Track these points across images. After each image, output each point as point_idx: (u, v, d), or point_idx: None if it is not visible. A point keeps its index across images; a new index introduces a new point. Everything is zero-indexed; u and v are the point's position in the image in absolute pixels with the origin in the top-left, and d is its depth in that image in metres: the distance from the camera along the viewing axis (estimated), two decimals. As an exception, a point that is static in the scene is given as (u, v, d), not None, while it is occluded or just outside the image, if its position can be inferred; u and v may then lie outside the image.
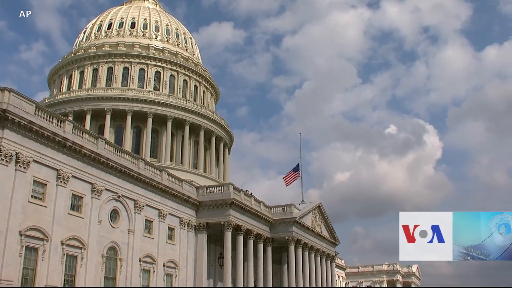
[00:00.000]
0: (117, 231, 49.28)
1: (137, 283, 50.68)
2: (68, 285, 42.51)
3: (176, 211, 59.25)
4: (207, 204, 63.11)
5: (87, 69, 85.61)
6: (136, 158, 54.09)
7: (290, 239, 74.04)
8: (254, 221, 68.50)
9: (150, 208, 54.52)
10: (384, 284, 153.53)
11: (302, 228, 77.98)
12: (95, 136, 48.11)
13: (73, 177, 43.80)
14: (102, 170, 47.57)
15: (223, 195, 63.03)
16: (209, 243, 64.56)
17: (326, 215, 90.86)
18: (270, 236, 73.45)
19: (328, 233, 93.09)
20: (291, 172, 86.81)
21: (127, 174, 50.73)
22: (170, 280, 56.97)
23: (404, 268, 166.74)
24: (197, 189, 64.43)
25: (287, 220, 73.95)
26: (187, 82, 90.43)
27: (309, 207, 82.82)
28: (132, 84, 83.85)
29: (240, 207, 64.17)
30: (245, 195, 67.53)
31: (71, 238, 42.93)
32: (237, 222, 63.48)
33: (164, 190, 56.95)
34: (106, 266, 47.23)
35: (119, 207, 49.88)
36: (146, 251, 52.92)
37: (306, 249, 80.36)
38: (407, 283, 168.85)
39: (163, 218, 56.36)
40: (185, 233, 60.57)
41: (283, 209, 75.01)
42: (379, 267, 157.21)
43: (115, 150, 50.52)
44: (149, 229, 54.35)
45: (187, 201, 61.25)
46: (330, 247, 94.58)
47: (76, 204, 44.39)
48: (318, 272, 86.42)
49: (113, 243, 48.34)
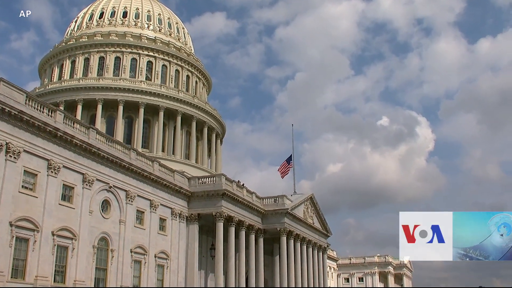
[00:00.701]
0: (109, 221, 49.29)
1: (128, 274, 50.75)
2: (59, 276, 42.59)
3: (168, 202, 59.30)
4: (199, 195, 63.16)
5: (78, 59, 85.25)
6: (128, 149, 54.05)
7: (282, 230, 74.24)
8: (246, 212, 68.66)
9: (141, 198, 54.53)
10: (376, 276, 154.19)
11: (294, 219, 78.21)
12: (86, 126, 48.04)
13: (64, 167, 43.74)
14: (94, 161, 47.52)
15: (215, 186, 63.09)
16: (201, 234, 64.66)
17: (318, 207, 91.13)
18: (262, 227, 73.64)
19: (320, 225, 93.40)
20: (284, 163, 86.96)
21: (118, 164, 50.70)
22: (162, 271, 57.07)
23: (396, 260, 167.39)
24: (189, 180, 64.46)
25: (279, 211, 74.13)
26: (179, 72, 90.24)
27: (301, 199, 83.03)
28: (124, 74, 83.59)
29: (232, 198, 64.26)
30: (237, 186, 67.63)
31: (62, 228, 42.90)
32: (229, 213, 63.61)
33: (156, 180, 56.96)
34: (97, 257, 47.27)
35: (110, 198, 49.88)
36: (138, 242, 52.97)
37: (298, 241, 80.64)
38: (399, 275, 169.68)
39: (154, 209, 56.40)
40: (177, 224, 60.64)
41: (275, 200, 75.17)
42: (371, 258, 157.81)
43: (106, 140, 50.47)
44: (140, 220, 54.39)
45: (179, 192, 61.29)
46: (322, 238, 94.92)
47: (67, 194, 44.35)
48: (310, 263, 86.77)
49: (105, 234, 48.36)
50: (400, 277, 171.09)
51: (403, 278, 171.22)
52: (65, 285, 42.72)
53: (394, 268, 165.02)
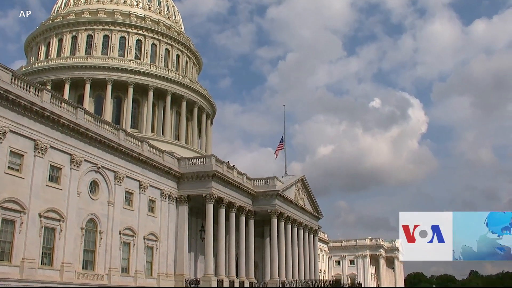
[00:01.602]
0: (97, 203, 49.22)
1: (117, 256, 50.83)
2: (47, 258, 42.56)
3: (157, 183, 59.28)
4: (188, 176, 63.17)
5: (65, 37, 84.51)
6: (117, 129, 53.83)
7: (273, 212, 74.48)
8: (237, 193, 68.77)
9: (130, 179, 54.45)
10: (367, 259, 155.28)
11: (285, 201, 78.45)
12: (74, 106, 47.72)
13: (51, 148, 43.49)
14: (81, 141, 47.26)
15: (205, 167, 63.09)
16: (191, 215, 64.81)
17: (309, 189, 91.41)
18: (253, 209, 73.84)
19: (311, 207, 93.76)
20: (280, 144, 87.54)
21: (107, 145, 50.51)
22: (151, 253, 57.20)
23: (387, 243, 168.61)
24: (178, 161, 64.41)
25: (270, 193, 74.31)
26: (169, 51, 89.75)
27: (292, 180, 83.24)
28: (113, 52, 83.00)
29: (222, 179, 64.31)
30: (228, 167, 67.66)
31: (49, 210, 42.78)
32: (219, 195, 63.69)
33: (145, 161, 56.86)
34: (86, 239, 47.23)
35: (98, 179, 49.75)
36: (126, 223, 52.98)
37: (289, 223, 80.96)
38: (390, 258, 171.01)
39: (143, 190, 56.37)
40: (166, 205, 60.69)
41: (266, 182, 75.32)
42: (362, 241, 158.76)
43: (94, 120, 50.19)
44: (129, 201, 54.38)
45: (168, 173, 61.26)
46: (313, 220, 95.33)
47: (54, 175, 44.17)
48: (300, 245, 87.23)
49: (93, 216, 48.30)
50: (391, 260, 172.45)
51: (395, 261, 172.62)
52: (53, 268, 42.73)
53: (386, 251, 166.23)
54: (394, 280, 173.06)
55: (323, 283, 73.75)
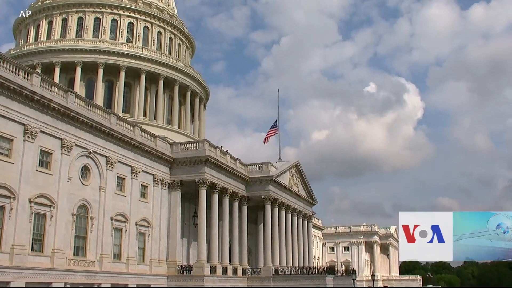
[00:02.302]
0: (88, 188, 49.11)
1: (109, 242, 50.85)
2: (37, 245, 42.48)
3: (150, 168, 59.17)
4: (181, 161, 63.07)
5: (55, 19, 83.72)
6: (108, 113, 53.60)
7: (267, 198, 74.55)
8: (230, 179, 68.76)
9: (122, 165, 54.33)
10: (362, 245, 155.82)
11: (279, 187, 78.51)
12: (64, 90, 47.43)
13: (41, 133, 43.27)
14: (72, 125, 47.02)
15: (198, 152, 62.99)
16: (183, 201, 64.78)
17: (303, 174, 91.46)
18: (246, 194, 73.88)
19: (306, 193, 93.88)
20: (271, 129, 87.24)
21: (98, 129, 50.28)
22: (143, 239, 57.23)
23: (382, 230, 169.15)
24: (171, 146, 64.28)
25: (264, 179, 74.34)
26: (162, 34, 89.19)
27: (286, 166, 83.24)
28: (104, 35, 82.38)
29: (215, 164, 64.25)
30: (221, 152, 67.58)
31: (40, 195, 42.66)
32: (212, 180, 63.64)
33: (137, 146, 56.70)
34: (77, 225, 47.17)
35: (90, 164, 49.59)
36: (118, 209, 52.94)
37: (283, 209, 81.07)
38: (385, 245, 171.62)
39: (135, 175, 56.27)
40: (159, 190, 60.63)
41: (259, 167, 75.32)
42: (356, 228, 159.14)
43: (86, 104, 49.92)
44: (121, 187, 54.29)
45: (161, 158, 61.14)
46: (307, 207, 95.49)
47: (44, 160, 44.00)
48: (294, 232, 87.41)
49: (84, 201, 48.21)
50: (386, 247, 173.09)
51: (389, 248, 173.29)
52: (43, 254, 42.69)
53: (380, 237, 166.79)
54: (389, 267, 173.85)
55: (317, 270, 73.87)
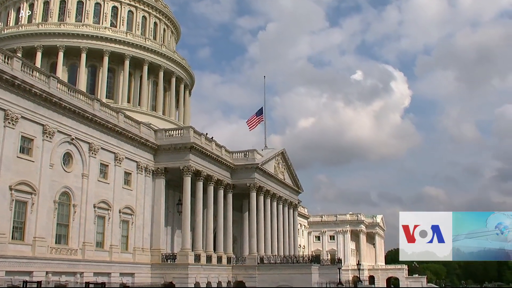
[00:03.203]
0: (71, 175, 48.94)
1: (92, 230, 50.75)
2: (18, 233, 42.32)
3: (133, 155, 59.05)
4: (165, 148, 62.99)
5: (37, 2, 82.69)
6: (91, 99, 53.33)
7: (252, 185, 74.73)
8: (215, 166, 68.82)
9: (105, 151, 54.17)
10: (348, 234, 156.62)
11: (265, 175, 78.69)
12: (46, 75, 47.12)
13: (22, 118, 42.98)
14: (55, 111, 46.73)
15: (183, 138, 62.93)
16: (168, 188, 64.75)
17: (289, 162, 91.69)
18: (231, 182, 74.01)
19: (291, 181, 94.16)
20: (253, 116, 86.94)
21: (81, 115, 50.02)
22: (126, 226, 57.21)
23: (368, 218, 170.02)
24: (155, 132, 64.15)
25: (249, 166, 74.51)
26: (147, 19, 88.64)
27: (272, 153, 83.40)
28: (87, 19, 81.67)
29: (200, 151, 64.25)
30: (206, 139, 67.56)
31: (21, 183, 42.47)
32: (197, 167, 63.67)
33: (121, 132, 56.52)
34: (59, 212, 47.04)
35: (72, 150, 49.38)
36: (101, 196, 52.83)
37: (268, 197, 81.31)
38: (371, 234, 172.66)
39: (119, 162, 56.15)
40: (143, 178, 60.57)
41: (245, 155, 75.44)
42: (342, 216, 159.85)
43: (68, 90, 49.63)
44: (104, 174, 54.16)
45: (145, 145, 61.01)
46: (293, 195, 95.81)
47: (26, 147, 43.77)
48: (280, 220, 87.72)
49: (66, 188, 48.05)
50: (372, 236, 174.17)
51: (376, 237, 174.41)
52: (24, 242, 42.55)
53: (367, 226, 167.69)
54: (375, 256, 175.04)
55: (302, 259, 74.26)
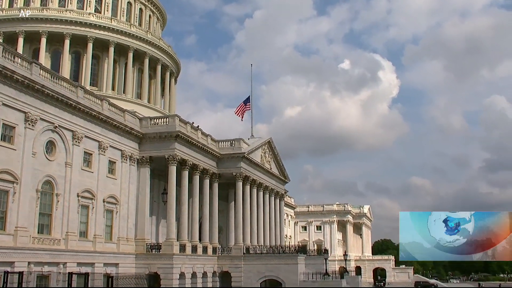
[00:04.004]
0: (54, 164, 48.61)
1: (75, 219, 50.50)
2: (-1, 221, 42.11)
3: (118, 144, 58.78)
4: (151, 136, 62.74)
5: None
6: (75, 86, 52.89)
7: (238, 175, 74.71)
8: (201, 155, 68.69)
9: (89, 140, 53.84)
10: (335, 225, 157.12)
11: (251, 164, 78.68)
12: (29, 61, 46.60)
13: (3, 105, 42.53)
14: (37, 98, 46.28)
15: (168, 127, 62.72)
16: (153, 178, 64.60)
17: (276, 151, 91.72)
18: (217, 171, 73.94)
19: (278, 170, 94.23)
20: (241, 104, 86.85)
21: (64, 103, 49.61)
22: (111, 216, 57.01)
23: (355, 209, 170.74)
24: (140, 120, 63.86)
25: (235, 155, 74.47)
26: (132, 4, 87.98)
27: (258, 143, 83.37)
28: (71, 4, 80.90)
29: (186, 140, 64.08)
30: (192, 128, 67.37)
31: (2, 171, 42.10)
32: (182, 156, 63.52)
33: (105, 120, 56.19)
34: (41, 202, 46.75)
35: (55, 139, 49.01)
36: (85, 185, 52.57)
37: (255, 186, 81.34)
38: (358, 224, 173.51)
39: (103, 151, 55.85)
40: (127, 167, 60.33)
41: (231, 144, 75.37)
42: (329, 207, 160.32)
43: (51, 76, 49.18)
44: (88, 163, 53.87)
45: (130, 133, 60.73)
46: (279, 184, 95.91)
47: (7, 134, 43.35)
48: (266, 210, 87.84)
49: (49, 177, 47.72)
50: (359, 226, 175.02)
51: (363, 227, 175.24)
52: (6, 232, 42.24)
53: (354, 217, 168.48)
54: (362, 247, 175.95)
55: (288, 249, 74.45)
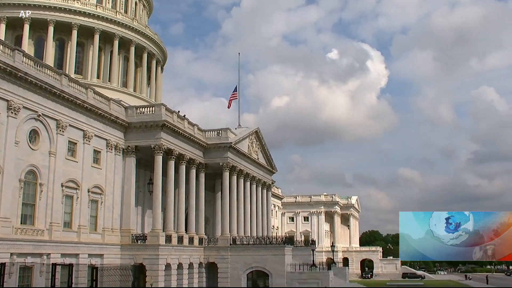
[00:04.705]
0: (37, 153, 48.20)
1: (59, 209, 50.18)
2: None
3: (103, 133, 58.43)
4: (136, 125, 62.44)
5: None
6: (59, 74, 52.38)
7: (225, 165, 74.59)
8: (187, 145, 68.49)
9: (74, 129, 53.44)
10: (322, 216, 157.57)
11: (238, 154, 78.58)
12: (11, 48, 46.06)
13: (-14, 93, 42.19)
14: (20, 86, 45.78)
15: (154, 116, 62.42)
16: (138, 167, 64.37)
17: (263, 141, 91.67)
18: (204, 161, 73.79)
19: (265, 161, 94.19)
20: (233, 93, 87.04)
21: (48, 91, 49.12)
22: (95, 206, 56.72)
23: (343, 200, 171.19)
24: (126, 109, 63.50)
25: (222, 145, 74.32)
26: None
27: (245, 132, 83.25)
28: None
29: (172, 129, 63.82)
30: (178, 117, 67.10)
31: (-15, 160, 41.79)
32: (168, 146, 63.28)
33: (90, 109, 55.78)
34: (25, 192, 46.38)
35: (39, 127, 48.57)
36: (69, 175, 52.23)
37: (242, 176, 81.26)
38: (346, 215, 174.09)
39: (88, 140, 55.50)
40: (112, 156, 60.02)
41: (218, 133, 75.20)
42: (317, 197, 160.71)
43: (35, 64, 48.67)
44: (72, 152, 53.48)
45: (115, 122, 60.38)
46: (266, 175, 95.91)
47: (-10, 123, 42.99)
48: (253, 200, 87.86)
49: (33, 167, 47.33)
50: (347, 217, 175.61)
51: (350, 218, 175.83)
52: (-12, 221, 42.00)
53: (341, 208, 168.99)
54: (349, 238, 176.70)
55: (275, 240, 74.53)
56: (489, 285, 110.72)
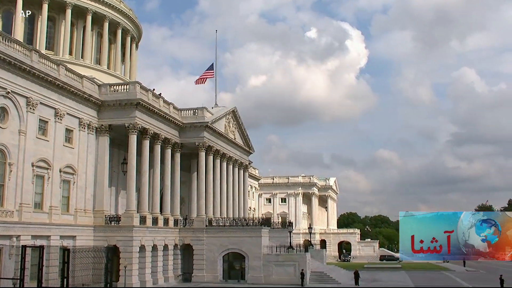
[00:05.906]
0: (6, 132, 47.54)
1: (30, 190, 49.70)
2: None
3: (75, 111, 57.81)
4: (110, 104, 61.89)
5: None
6: (29, 50, 51.57)
7: (201, 145, 74.38)
8: (162, 124, 68.11)
9: (45, 107, 52.79)
10: (300, 197, 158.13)
11: (214, 134, 78.37)
12: (-21, 22, 45.36)
13: (-47, 68, 41.42)
14: (-12, 62, 45.15)
15: (129, 94, 61.92)
16: (112, 147, 63.94)
17: (240, 121, 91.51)
18: (180, 141, 73.51)
19: (242, 141, 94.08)
20: (206, 72, 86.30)
21: (17, 67, 48.36)
22: (68, 186, 56.27)
23: (321, 181, 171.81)
24: (99, 87, 62.88)
25: (198, 125, 74.08)
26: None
27: (222, 112, 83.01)
28: (24, -38, 78.67)
29: (147, 108, 63.38)
30: (153, 95, 66.63)
31: (-49, 138, 41.14)
32: (143, 125, 62.87)
33: (62, 87, 55.07)
34: (-7, 171, 45.87)
35: (8, 105, 47.84)
36: (40, 155, 51.68)
37: (218, 157, 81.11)
38: (324, 197, 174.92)
39: (60, 119, 54.86)
40: (85, 135, 59.48)
41: (194, 113, 74.87)
42: (294, 178, 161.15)
43: (3, 39, 47.77)
44: (43, 131, 52.86)
45: (88, 100, 59.75)
46: (243, 155, 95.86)
47: (-43, 99, 42.27)
48: (230, 181, 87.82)
49: (1, 146, 46.71)
50: (324, 199, 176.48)
51: (328, 200, 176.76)
52: (-44, 201, 41.45)
53: (319, 189, 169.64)
54: (327, 220, 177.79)
55: (252, 222, 74.64)
56: (466, 267, 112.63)
